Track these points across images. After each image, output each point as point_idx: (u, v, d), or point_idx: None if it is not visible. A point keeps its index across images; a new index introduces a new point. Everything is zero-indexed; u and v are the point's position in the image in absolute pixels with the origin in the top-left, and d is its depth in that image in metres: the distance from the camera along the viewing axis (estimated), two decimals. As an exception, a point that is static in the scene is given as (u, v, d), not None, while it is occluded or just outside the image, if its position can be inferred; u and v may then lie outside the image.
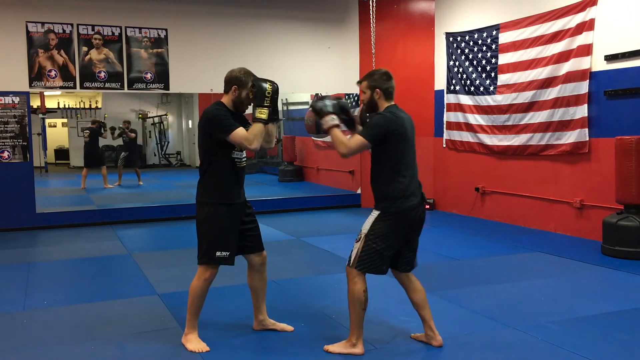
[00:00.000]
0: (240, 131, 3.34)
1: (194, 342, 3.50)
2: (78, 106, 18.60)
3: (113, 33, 8.19)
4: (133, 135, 12.98)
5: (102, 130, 12.39)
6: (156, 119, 19.51)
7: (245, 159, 3.56)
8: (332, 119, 3.33)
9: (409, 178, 3.30)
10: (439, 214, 8.76)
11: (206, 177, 3.49)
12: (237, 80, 3.46)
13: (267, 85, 3.36)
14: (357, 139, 3.25)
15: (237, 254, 3.58)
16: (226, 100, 3.50)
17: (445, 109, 8.71)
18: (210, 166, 3.46)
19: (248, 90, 3.43)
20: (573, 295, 4.57)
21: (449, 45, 8.59)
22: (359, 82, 3.45)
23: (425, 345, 3.51)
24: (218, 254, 3.43)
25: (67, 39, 7.97)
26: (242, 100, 3.48)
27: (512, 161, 7.64)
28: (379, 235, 3.26)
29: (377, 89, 3.36)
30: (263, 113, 3.36)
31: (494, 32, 7.72)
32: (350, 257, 3.33)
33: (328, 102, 3.35)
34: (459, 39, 8.36)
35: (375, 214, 3.31)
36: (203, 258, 3.47)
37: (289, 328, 3.80)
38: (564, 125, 6.76)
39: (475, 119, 8.12)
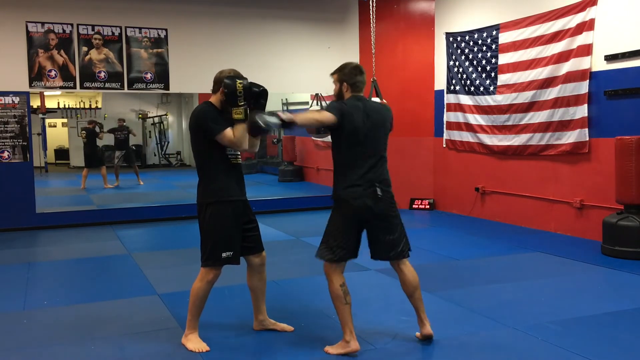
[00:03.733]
0: (227, 133, 3.35)
1: (194, 342, 3.50)
2: (78, 106, 18.61)
3: (113, 33, 8.19)
4: (122, 136, 12.93)
5: (99, 131, 12.35)
6: (156, 119, 19.52)
7: (239, 155, 3.56)
8: (289, 118, 3.18)
9: (357, 169, 3.35)
10: (439, 214, 8.76)
11: (204, 178, 3.49)
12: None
13: (237, 84, 3.32)
14: (326, 113, 3.32)
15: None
16: (215, 100, 3.51)
17: (445, 109, 8.71)
18: (206, 166, 3.46)
19: (220, 92, 3.42)
20: (573, 295, 4.56)
21: (449, 45, 8.59)
22: (332, 74, 3.53)
23: (425, 345, 3.51)
24: (224, 254, 3.42)
25: (67, 39, 7.97)
26: None
27: (512, 161, 7.64)
28: (330, 223, 3.47)
29: (345, 83, 3.46)
30: (239, 113, 3.35)
31: (494, 32, 7.72)
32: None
33: (268, 118, 3.15)
34: (459, 39, 8.36)
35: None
36: (208, 260, 3.45)
37: (289, 328, 3.80)
38: (564, 125, 6.76)
39: (475, 119, 8.12)
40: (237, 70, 3.51)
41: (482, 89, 7.94)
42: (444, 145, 8.81)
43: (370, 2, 7.34)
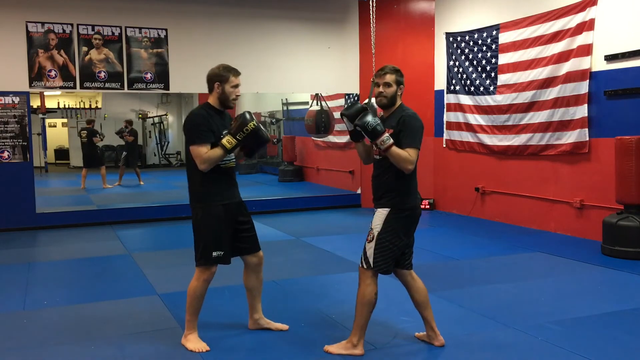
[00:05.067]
0: (201, 149, 3.35)
1: (194, 342, 3.50)
2: (78, 106, 18.60)
3: (113, 33, 8.19)
4: (131, 138, 12.89)
5: (97, 135, 12.32)
6: (156, 119, 19.51)
7: (233, 159, 3.56)
8: (388, 138, 3.17)
9: (414, 175, 3.34)
10: (439, 213, 8.76)
11: (195, 180, 3.49)
12: (218, 76, 3.46)
13: (249, 123, 3.36)
14: (414, 151, 3.21)
15: (234, 256, 3.60)
16: (212, 99, 3.51)
17: (445, 109, 8.71)
18: (196, 170, 3.44)
19: (239, 87, 3.47)
20: (573, 295, 4.56)
21: (449, 45, 8.60)
22: (384, 73, 3.33)
23: (425, 345, 3.51)
24: (214, 254, 3.45)
25: (67, 39, 7.97)
26: (228, 95, 3.48)
27: (512, 161, 7.64)
28: (391, 233, 3.24)
29: (402, 86, 3.40)
30: (230, 143, 3.37)
31: (494, 32, 7.72)
32: (363, 257, 3.31)
33: (374, 120, 3.18)
34: (459, 39, 8.36)
35: (384, 211, 3.26)
36: (200, 259, 3.48)
37: (284, 327, 3.80)
38: (564, 125, 6.76)
39: (475, 119, 8.12)
40: (226, 64, 3.51)
41: (482, 89, 7.94)
42: (444, 145, 8.81)
43: (370, 2, 7.34)
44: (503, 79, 7.58)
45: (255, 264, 3.70)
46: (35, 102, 15.50)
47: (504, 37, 7.55)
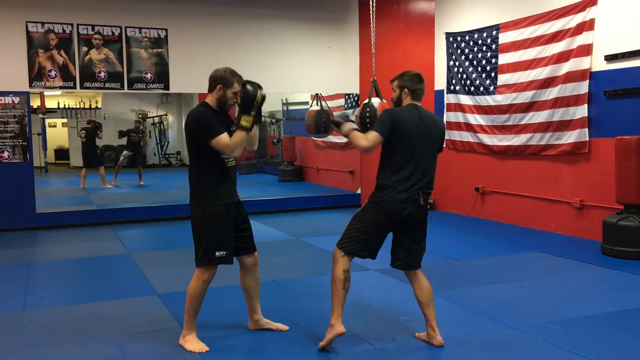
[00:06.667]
0: (223, 138, 3.34)
1: (192, 343, 3.50)
2: (78, 106, 18.60)
3: (113, 33, 8.19)
4: (137, 138, 12.91)
5: (98, 131, 12.34)
6: (156, 119, 19.51)
7: (233, 161, 3.56)
8: (352, 124, 3.51)
9: (404, 174, 3.36)
10: (439, 214, 8.76)
11: (197, 179, 3.48)
12: (222, 79, 3.44)
13: (257, 94, 3.37)
14: (372, 133, 3.39)
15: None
16: (211, 99, 3.50)
17: (445, 109, 8.70)
18: (200, 168, 3.45)
19: (238, 93, 3.43)
20: (573, 295, 4.56)
21: (449, 45, 8.59)
22: (392, 81, 3.59)
23: (425, 345, 3.51)
24: (217, 254, 3.43)
25: (67, 39, 7.98)
26: (227, 100, 3.47)
27: (512, 161, 7.64)
28: (362, 219, 3.44)
29: (406, 89, 3.50)
30: (248, 121, 3.38)
31: (494, 32, 7.72)
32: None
33: (345, 114, 3.57)
34: (459, 39, 8.36)
35: (367, 201, 3.49)
36: (202, 259, 3.46)
37: (284, 327, 3.80)
38: (564, 125, 6.76)
39: (475, 119, 8.12)
40: (232, 68, 3.50)
41: (482, 89, 7.94)
42: (444, 145, 8.80)
43: (370, 2, 7.34)
44: (503, 79, 7.58)
45: (251, 264, 3.69)
46: (35, 102, 15.50)
47: (504, 37, 7.55)
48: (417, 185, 3.39)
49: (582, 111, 6.54)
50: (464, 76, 8.27)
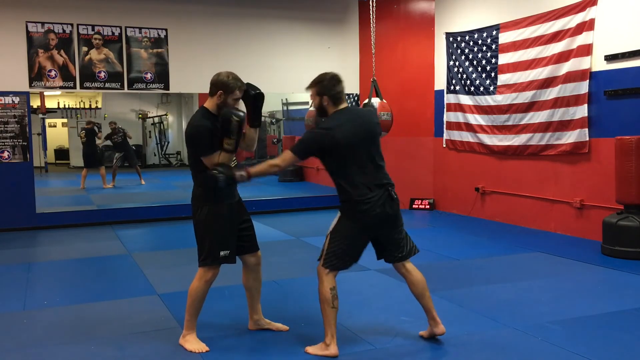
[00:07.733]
0: (213, 158, 3.36)
1: (193, 343, 3.50)
2: (78, 106, 18.61)
3: (113, 33, 8.19)
4: (119, 139, 12.79)
5: (97, 131, 12.35)
6: (156, 119, 19.51)
7: (235, 160, 3.56)
8: (242, 175, 3.32)
9: (364, 180, 3.29)
10: (439, 214, 8.76)
11: (200, 182, 3.48)
12: (225, 85, 3.41)
13: (232, 118, 3.33)
14: (288, 154, 3.31)
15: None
16: (211, 104, 3.47)
17: (445, 109, 8.71)
18: (201, 171, 3.44)
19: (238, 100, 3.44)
20: (573, 295, 4.56)
21: (449, 45, 8.59)
22: (308, 88, 3.48)
23: (426, 345, 3.51)
24: (222, 253, 3.43)
25: (67, 39, 7.97)
26: (227, 106, 3.44)
27: (512, 161, 7.64)
28: (340, 235, 3.34)
29: (325, 96, 3.38)
30: (230, 144, 3.37)
31: (494, 32, 7.72)
32: (320, 254, 3.40)
33: (225, 172, 3.31)
34: (459, 39, 8.36)
35: (338, 214, 3.40)
36: (206, 259, 3.45)
37: (284, 328, 3.80)
38: (564, 125, 6.76)
39: (475, 119, 8.12)
40: (235, 74, 3.48)
41: (482, 89, 7.94)
42: (444, 145, 8.81)
43: (370, 2, 7.34)
44: (503, 79, 7.58)
45: (254, 263, 3.70)
46: (35, 102, 15.50)
47: (504, 37, 7.55)
48: (379, 181, 3.34)
49: (582, 111, 6.54)
50: (464, 76, 8.27)
